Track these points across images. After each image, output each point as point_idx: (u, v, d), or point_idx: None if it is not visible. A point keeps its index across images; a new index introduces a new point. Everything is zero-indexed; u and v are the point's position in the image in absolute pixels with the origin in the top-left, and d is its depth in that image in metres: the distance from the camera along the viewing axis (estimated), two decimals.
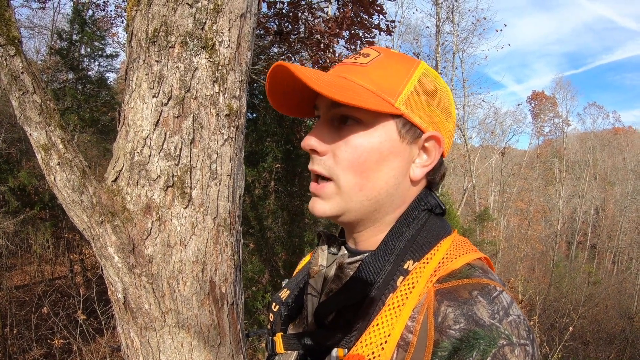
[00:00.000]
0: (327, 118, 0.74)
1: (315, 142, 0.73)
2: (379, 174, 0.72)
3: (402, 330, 0.62)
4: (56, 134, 1.35)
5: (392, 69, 0.73)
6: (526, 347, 0.59)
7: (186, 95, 1.42)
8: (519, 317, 0.62)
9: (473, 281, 0.65)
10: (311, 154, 0.75)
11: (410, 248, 0.71)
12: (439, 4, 17.44)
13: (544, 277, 20.61)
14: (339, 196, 0.72)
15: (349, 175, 0.71)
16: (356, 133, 0.71)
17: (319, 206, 0.74)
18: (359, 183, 0.71)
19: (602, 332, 14.14)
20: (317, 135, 0.73)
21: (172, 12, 1.43)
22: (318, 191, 0.74)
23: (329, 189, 0.73)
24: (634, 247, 26.88)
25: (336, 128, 0.73)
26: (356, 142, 0.70)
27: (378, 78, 0.71)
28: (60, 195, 1.35)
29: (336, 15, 6.20)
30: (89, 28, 12.02)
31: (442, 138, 0.74)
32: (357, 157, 0.70)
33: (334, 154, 0.72)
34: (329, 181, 0.73)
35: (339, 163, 0.71)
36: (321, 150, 0.73)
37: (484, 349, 0.57)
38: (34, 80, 1.34)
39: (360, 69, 0.72)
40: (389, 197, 0.74)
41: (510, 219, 29.11)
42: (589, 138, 33.08)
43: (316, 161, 0.74)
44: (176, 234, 1.41)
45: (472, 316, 0.60)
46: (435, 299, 0.64)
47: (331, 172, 0.72)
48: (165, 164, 1.40)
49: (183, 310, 1.42)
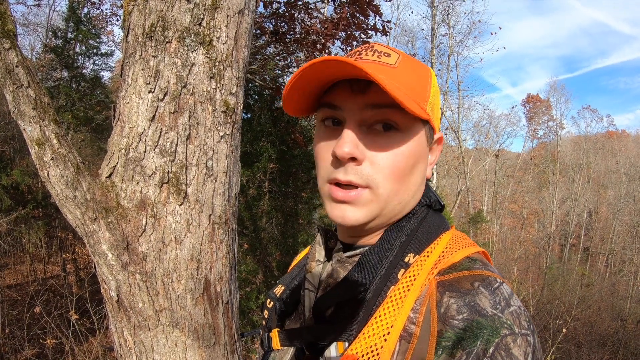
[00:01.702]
0: (357, 121, 0.69)
1: (355, 150, 0.67)
2: (412, 177, 0.72)
3: (405, 322, 0.63)
4: (50, 129, 1.33)
5: (417, 74, 0.72)
6: (527, 337, 0.59)
7: (183, 91, 1.41)
8: (520, 307, 0.63)
9: (474, 273, 0.66)
10: (347, 162, 0.69)
11: (411, 242, 0.72)
12: (434, 7, 17.50)
13: (538, 279, 20.70)
14: (375, 203, 0.70)
15: (389, 183, 0.69)
16: (395, 139, 0.69)
17: (351, 214, 0.70)
18: (396, 189, 0.70)
19: (595, 334, 14.21)
20: (354, 141, 0.68)
21: (170, 7, 1.41)
22: (351, 198, 0.69)
23: (365, 196, 0.69)
24: (627, 250, 27.07)
25: (368, 133, 0.69)
26: (396, 149, 0.69)
27: (409, 82, 0.70)
28: (54, 191, 1.33)
29: (332, 16, 6.20)
30: (84, 26, 11.95)
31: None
32: (397, 164, 0.69)
33: (371, 161, 0.69)
34: (362, 188, 0.69)
35: (379, 171, 0.69)
36: (360, 158, 0.68)
37: (487, 339, 0.58)
38: (28, 74, 1.31)
39: (392, 70, 0.69)
40: (413, 198, 0.75)
41: (503, 221, 29.23)
42: (583, 141, 33.28)
43: (351, 170, 0.69)
44: (171, 232, 1.39)
45: (474, 306, 0.61)
46: (437, 290, 0.64)
47: (369, 180, 0.69)
48: (161, 160, 1.38)
49: (177, 308, 1.40)
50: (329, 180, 0.72)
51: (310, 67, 0.64)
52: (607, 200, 30.84)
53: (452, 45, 18.97)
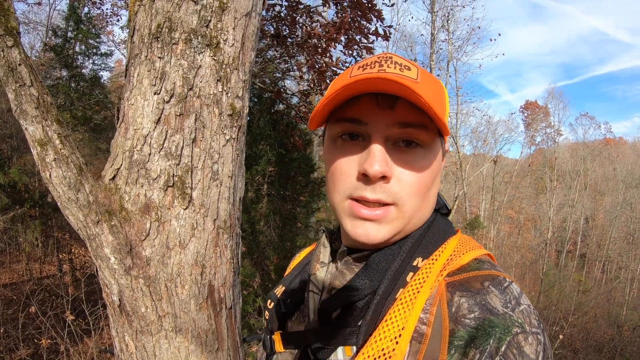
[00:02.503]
0: (383, 137, 0.67)
1: (387, 169, 0.66)
2: (432, 192, 0.73)
3: (415, 323, 0.62)
4: (53, 129, 1.31)
5: (435, 89, 0.71)
6: (538, 335, 0.60)
7: (189, 93, 1.39)
8: (529, 306, 0.63)
9: (483, 273, 0.66)
10: (377, 181, 0.67)
11: (419, 246, 0.72)
12: (434, 12, 17.55)
13: (534, 285, 20.72)
14: (400, 220, 0.69)
15: (414, 199, 0.69)
16: (420, 156, 0.69)
17: (376, 232, 0.68)
18: (419, 205, 0.70)
19: (591, 340, 14.23)
20: (386, 159, 0.66)
21: (177, 8, 1.40)
22: (377, 217, 0.68)
23: (391, 214, 0.68)
24: (623, 257, 27.13)
25: (393, 149, 0.68)
26: (421, 166, 0.69)
27: (433, 97, 0.66)
28: (56, 193, 1.31)
29: (334, 19, 6.19)
30: (84, 25, 11.94)
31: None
32: (422, 181, 0.69)
33: (398, 178, 0.68)
34: (388, 206, 0.68)
35: (404, 188, 0.68)
36: (389, 176, 0.67)
37: (499, 337, 0.58)
38: (31, 72, 1.29)
39: (418, 85, 0.66)
40: (431, 209, 0.76)
41: (500, 227, 29.27)
42: (580, 148, 33.38)
43: (379, 189, 0.67)
44: (175, 236, 1.37)
45: (485, 305, 0.61)
46: (447, 290, 0.65)
47: (396, 198, 0.68)
48: (166, 163, 1.36)
49: (181, 314, 1.38)
50: (351, 197, 0.69)
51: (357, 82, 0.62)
52: (604, 207, 30.92)
53: (451, 51, 19.02)
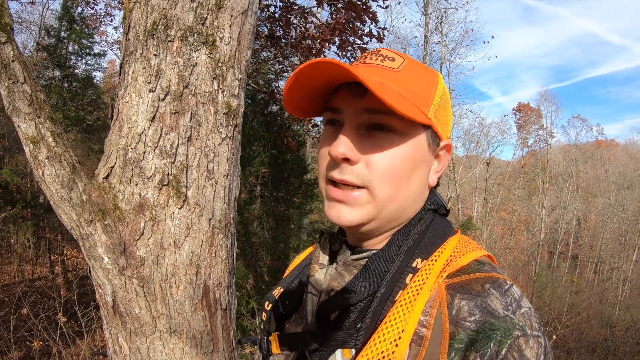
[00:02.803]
0: (355, 124, 0.70)
1: (349, 151, 0.68)
2: (410, 182, 0.72)
3: (415, 326, 0.62)
4: (46, 127, 1.29)
5: (422, 78, 0.72)
6: (539, 338, 0.59)
7: (184, 91, 1.37)
8: (530, 309, 0.63)
9: (484, 275, 0.65)
10: (341, 162, 0.70)
11: (418, 247, 0.71)
12: (428, 15, 17.61)
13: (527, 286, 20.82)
14: (371, 204, 0.70)
15: (385, 184, 0.69)
16: (392, 142, 0.69)
17: (347, 215, 0.70)
18: (393, 193, 0.70)
19: (584, 340, 14.32)
20: (348, 143, 0.69)
21: (173, 5, 1.38)
22: (347, 198, 0.70)
23: (362, 197, 0.69)
24: (615, 258, 27.36)
25: (366, 135, 0.70)
26: (393, 152, 0.69)
27: (412, 86, 0.70)
28: (48, 191, 1.29)
29: (328, 21, 6.19)
30: (78, 25, 11.88)
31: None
32: (393, 166, 0.69)
33: (367, 162, 0.69)
34: (359, 189, 0.69)
35: (373, 172, 0.69)
36: (354, 159, 0.69)
37: (500, 340, 0.58)
38: (24, 69, 1.27)
39: (394, 74, 0.70)
40: (413, 204, 0.74)
41: (493, 229, 29.41)
42: (573, 150, 33.63)
43: (346, 170, 0.69)
44: (170, 235, 1.35)
45: (486, 308, 0.61)
46: (447, 293, 0.64)
47: (365, 181, 0.69)
48: (161, 161, 1.34)
49: (175, 315, 1.36)
50: (326, 179, 0.73)
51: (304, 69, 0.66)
52: (596, 208, 31.17)
53: (444, 53, 19.10)
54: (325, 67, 0.64)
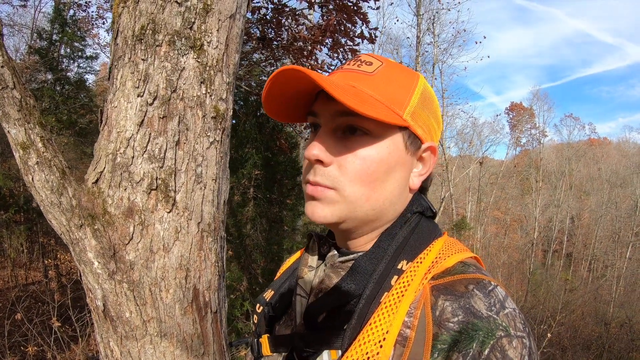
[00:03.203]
0: (331, 127, 0.71)
1: (322, 153, 0.70)
2: (386, 184, 0.72)
3: (400, 327, 0.62)
4: (35, 132, 1.29)
5: (398, 80, 0.73)
6: (523, 339, 0.59)
7: (172, 95, 1.38)
8: (515, 310, 0.63)
9: (468, 276, 0.66)
10: (314, 164, 0.71)
11: (404, 249, 0.71)
12: (420, 15, 17.66)
13: (521, 284, 20.91)
14: (343, 204, 0.71)
15: (356, 187, 0.70)
16: (365, 144, 0.70)
17: (319, 211, 0.71)
18: (366, 194, 0.70)
19: (579, 338, 14.38)
20: (322, 145, 0.70)
21: (161, 10, 1.39)
22: (317, 194, 0.71)
23: (331, 196, 0.71)
24: (609, 255, 27.51)
25: (341, 138, 0.71)
26: (365, 154, 0.70)
27: (386, 89, 0.71)
28: (38, 197, 1.29)
29: (319, 22, 6.20)
30: (70, 28, 11.80)
31: (437, 148, 0.76)
32: (365, 169, 0.69)
33: (339, 165, 0.70)
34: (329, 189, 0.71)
35: (345, 174, 0.70)
36: (327, 161, 0.70)
37: (482, 340, 0.58)
38: (14, 75, 1.28)
39: (368, 78, 0.72)
40: (391, 205, 0.74)
41: (487, 228, 29.48)
42: (565, 149, 33.80)
43: (319, 172, 0.71)
44: (159, 239, 1.36)
45: (469, 309, 0.61)
46: (431, 294, 0.64)
47: (335, 182, 0.70)
48: (149, 166, 1.35)
49: (165, 318, 1.37)
50: (305, 181, 0.75)
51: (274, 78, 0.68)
52: (589, 206, 31.32)
53: (436, 54, 19.14)
54: (292, 74, 0.66)
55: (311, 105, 0.77)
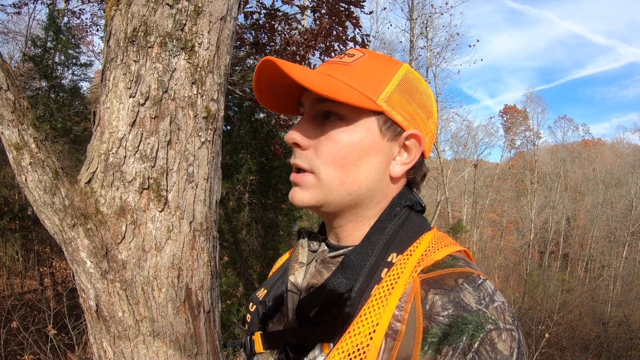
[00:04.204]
0: (311, 114, 0.75)
1: (299, 137, 0.74)
2: (359, 169, 0.73)
3: (390, 320, 0.63)
4: (29, 133, 1.30)
5: (375, 68, 0.75)
6: (512, 332, 0.60)
7: (164, 96, 1.40)
8: (504, 303, 0.63)
9: (457, 270, 0.66)
10: (294, 147, 0.76)
11: (393, 242, 0.72)
12: (413, 20, 17.74)
13: (518, 286, 20.93)
14: (319, 187, 0.74)
15: (330, 169, 0.72)
16: (338, 128, 0.72)
17: (298, 195, 0.75)
18: (340, 177, 0.72)
19: (577, 338, 14.39)
20: (301, 130, 0.75)
21: (152, 12, 1.41)
22: (297, 179, 0.75)
23: (310, 180, 0.74)
24: (606, 255, 27.61)
25: (319, 124, 0.75)
26: (338, 137, 0.72)
27: (361, 76, 0.73)
28: (32, 197, 1.30)
29: (312, 27, 6.24)
30: (64, 35, 11.78)
31: (422, 137, 0.76)
32: (337, 152, 0.72)
33: (315, 148, 0.73)
34: (308, 173, 0.74)
35: (320, 157, 0.73)
36: (303, 144, 0.74)
37: (472, 334, 0.58)
38: (7, 76, 1.29)
39: (345, 67, 0.75)
40: (369, 192, 0.75)
41: (483, 231, 29.57)
42: (560, 150, 33.97)
43: (298, 155, 0.75)
44: (151, 238, 1.37)
45: (459, 302, 0.61)
46: (421, 288, 0.65)
47: (312, 165, 0.73)
48: (141, 165, 1.36)
49: (158, 318, 1.37)
50: None
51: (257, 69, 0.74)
52: (585, 207, 31.46)
53: (430, 58, 19.23)
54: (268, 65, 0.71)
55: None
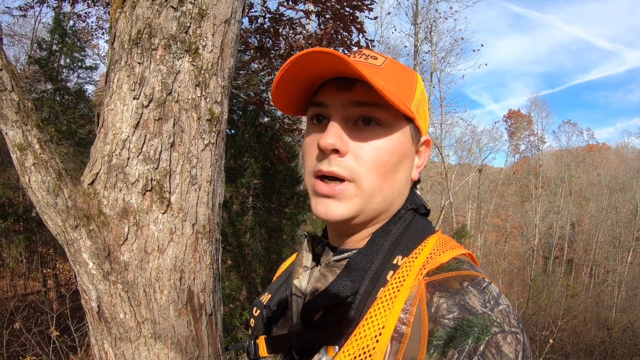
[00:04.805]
0: (343, 117, 0.71)
1: (338, 142, 0.69)
2: (396, 175, 0.73)
3: (396, 323, 0.62)
4: (33, 134, 1.31)
5: (403, 75, 0.75)
6: (517, 335, 0.60)
7: (167, 98, 1.40)
8: (508, 306, 0.63)
9: (462, 273, 0.66)
10: (330, 154, 0.70)
11: (399, 244, 0.72)
12: (417, 24, 17.76)
13: (522, 291, 20.84)
14: (359, 197, 0.71)
15: (372, 177, 0.70)
16: (379, 134, 0.71)
17: (336, 209, 0.70)
18: (380, 184, 0.71)
19: (581, 343, 14.29)
20: (337, 134, 0.69)
21: (157, 14, 1.41)
22: (334, 192, 0.70)
23: (350, 190, 0.70)
24: (610, 260, 27.46)
25: (353, 128, 0.71)
26: (380, 144, 0.70)
27: (395, 81, 0.72)
28: (35, 197, 1.30)
29: (316, 32, 6.25)
30: (70, 39, 11.87)
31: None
32: (381, 159, 0.70)
33: (355, 154, 0.70)
34: (345, 182, 0.70)
35: (362, 164, 0.70)
36: (343, 150, 0.69)
37: (477, 336, 0.58)
38: (12, 78, 1.30)
39: (378, 70, 0.72)
40: (399, 196, 0.76)
41: (487, 236, 29.44)
42: (564, 155, 33.86)
43: (334, 162, 0.70)
44: (154, 240, 1.37)
45: (464, 305, 0.61)
46: (427, 291, 0.65)
47: (353, 173, 0.69)
48: (144, 167, 1.36)
49: (160, 320, 1.37)
50: (314, 174, 0.73)
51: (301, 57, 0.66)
52: (589, 212, 31.30)
53: (434, 62, 19.22)
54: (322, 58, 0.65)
55: (309, 98, 0.77)
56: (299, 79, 0.72)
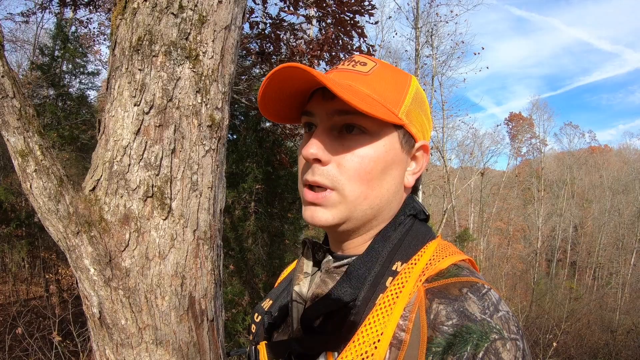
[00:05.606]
0: (327, 126, 0.72)
1: (319, 151, 0.70)
2: (383, 182, 0.72)
3: (395, 329, 0.62)
4: (34, 140, 1.31)
5: (392, 80, 0.74)
6: (517, 341, 0.60)
7: (168, 104, 1.40)
8: (508, 312, 0.63)
9: (462, 279, 0.66)
10: (312, 163, 0.71)
11: (398, 251, 0.72)
12: (418, 28, 17.77)
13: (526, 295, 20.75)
14: (343, 205, 0.71)
15: (355, 185, 0.70)
16: (362, 142, 0.70)
17: (321, 215, 0.71)
18: (364, 192, 0.71)
19: (585, 346, 14.24)
20: (318, 144, 0.70)
21: (157, 21, 1.42)
22: (319, 200, 0.71)
23: (333, 198, 0.71)
24: (614, 262, 27.37)
25: (337, 137, 0.71)
26: (363, 152, 0.70)
27: (381, 88, 0.72)
28: (36, 204, 1.31)
29: (317, 37, 6.27)
30: (72, 44, 11.93)
31: (429, 146, 0.77)
32: (364, 167, 0.70)
33: (338, 163, 0.70)
34: (329, 190, 0.71)
35: (344, 173, 0.70)
36: (325, 159, 0.70)
37: (476, 343, 0.58)
38: (14, 84, 1.30)
39: (363, 77, 0.72)
40: (388, 204, 0.75)
41: (490, 239, 29.39)
42: (566, 157, 33.83)
43: (317, 171, 0.71)
44: (155, 246, 1.37)
45: (463, 312, 0.61)
46: (426, 297, 0.64)
47: (335, 182, 0.70)
48: (145, 173, 1.37)
49: (161, 326, 1.37)
50: (303, 182, 0.74)
51: (274, 75, 0.67)
52: (592, 214, 31.24)
53: (435, 66, 19.21)
54: (292, 72, 0.66)
55: (304, 105, 0.77)
56: (284, 92, 0.73)
